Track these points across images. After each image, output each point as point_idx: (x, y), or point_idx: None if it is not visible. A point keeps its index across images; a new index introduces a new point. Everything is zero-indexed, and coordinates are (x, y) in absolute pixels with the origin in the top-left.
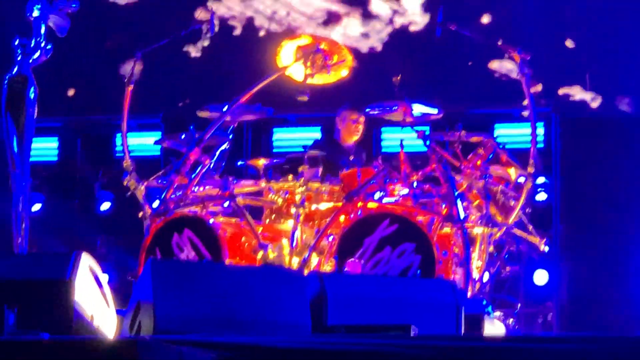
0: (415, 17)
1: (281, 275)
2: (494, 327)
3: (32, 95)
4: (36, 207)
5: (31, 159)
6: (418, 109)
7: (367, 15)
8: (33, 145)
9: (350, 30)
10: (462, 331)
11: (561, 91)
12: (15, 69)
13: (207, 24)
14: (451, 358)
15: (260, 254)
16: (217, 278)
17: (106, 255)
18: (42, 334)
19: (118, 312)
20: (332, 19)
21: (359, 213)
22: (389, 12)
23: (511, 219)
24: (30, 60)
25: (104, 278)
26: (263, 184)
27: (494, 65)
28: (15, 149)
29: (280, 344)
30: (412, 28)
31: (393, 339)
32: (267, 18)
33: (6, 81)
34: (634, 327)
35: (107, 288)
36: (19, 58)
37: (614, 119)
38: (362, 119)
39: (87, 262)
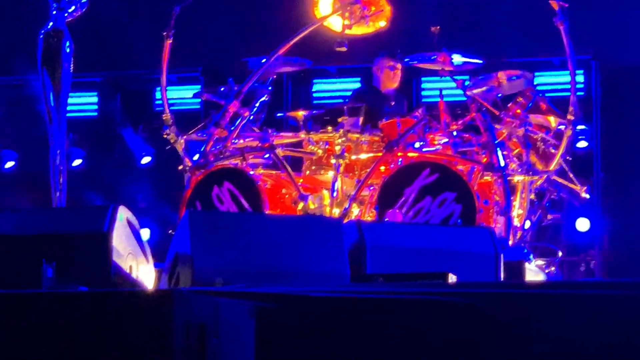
0: None
1: (319, 224)
2: (535, 275)
3: (67, 50)
4: (77, 162)
5: (71, 115)
6: (457, 58)
7: None
8: (73, 101)
9: None
10: (502, 279)
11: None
12: (51, 24)
13: None
14: (489, 305)
15: (300, 205)
16: (255, 228)
17: (147, 210)
18: (80, 287)
19: (157, 265)
20: None
21: (399, 163)
22: None
23: (552, 167)
24: (65, 15)
25: (145, 232)
26: (303, 135)
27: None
28: (52, 103)
29: (318, 294)
30: None
31: (431, 287)
32: None
33: (41, 36)
34: None
35: (145, 241)
36: (54, 12)
37: None
38: (399, 65)
39: (125, 215)
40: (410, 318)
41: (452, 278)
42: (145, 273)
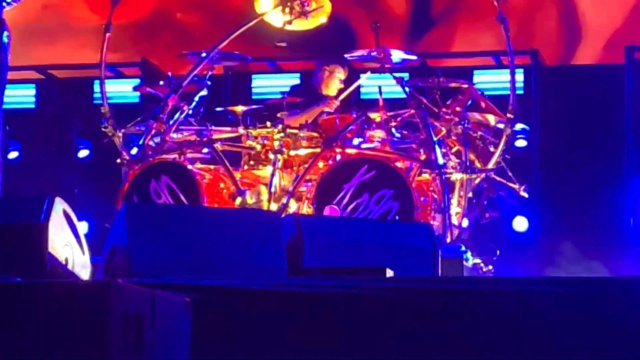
0: None
1: (257, 218)
2: (471, 272)
3: (5, 40)
4: (13, 154)
5: (9, 107)
6: (397, 55)
7: None
8: (11, 92)
9: None
10: (439, 275)
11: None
12: None
13: None
14: (426, 299)
15: (238, 200)
16: (193, 221)
17: (84, 203)
18: (14, 278)
19: (93, 258)
20: None
21: (337, 159)
22: None
23: (490, 165)
24: (4, 4)
25: (82, 226)
26: (241, 130)
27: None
28: None
29: (255, 286)
30: None
31: (368, 281)
32: None
33: None
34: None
35: (82, 234)
36: None
37: (594, 66)
38: (343, 71)
39: (61, 206)
40: (345, 312)
41: (389, 273)
42: (81, 266)
